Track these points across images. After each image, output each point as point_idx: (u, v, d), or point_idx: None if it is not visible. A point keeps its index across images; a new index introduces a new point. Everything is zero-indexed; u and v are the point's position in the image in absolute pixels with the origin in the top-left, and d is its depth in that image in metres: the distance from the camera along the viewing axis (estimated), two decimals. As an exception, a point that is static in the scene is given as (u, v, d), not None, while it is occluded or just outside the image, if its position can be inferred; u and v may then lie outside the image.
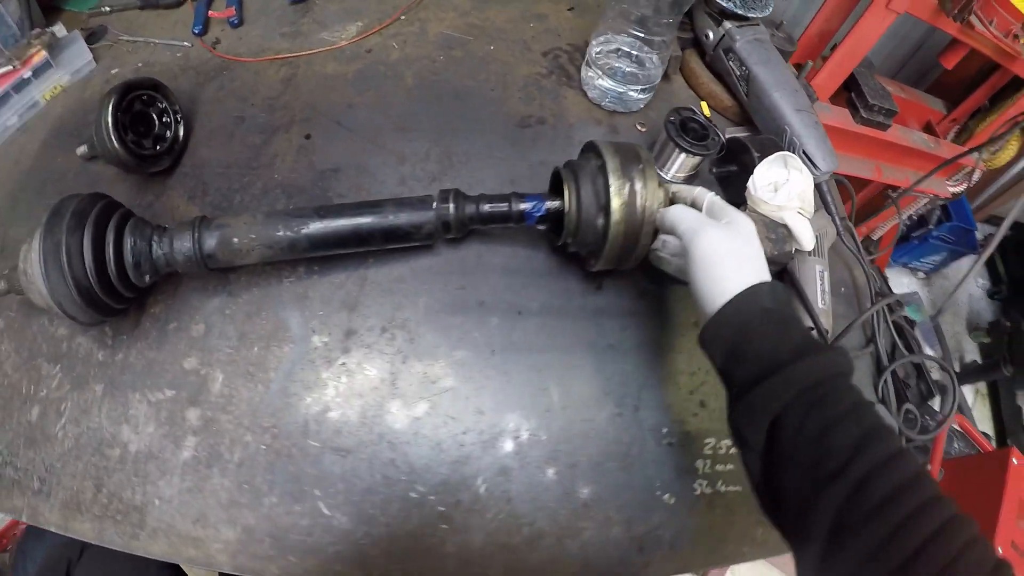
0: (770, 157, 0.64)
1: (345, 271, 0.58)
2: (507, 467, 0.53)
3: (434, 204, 0.54)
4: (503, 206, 0.55)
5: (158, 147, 0.65)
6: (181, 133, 0.67)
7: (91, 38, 0.79)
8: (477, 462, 0.53)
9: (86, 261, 0.48)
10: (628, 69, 0.69)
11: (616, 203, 0.50)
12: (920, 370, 0.73)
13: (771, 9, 0.74)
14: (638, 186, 0.51)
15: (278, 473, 0.52)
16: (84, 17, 0.82)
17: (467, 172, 0.64)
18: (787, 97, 0.71)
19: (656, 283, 0.62)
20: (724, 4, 0.72)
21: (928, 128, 1.21)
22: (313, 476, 0.52)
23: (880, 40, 0.90)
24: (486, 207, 0.55)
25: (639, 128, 0.71)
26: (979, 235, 1.61)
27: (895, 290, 0.74)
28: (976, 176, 1.23)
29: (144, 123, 0.65)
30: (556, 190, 0.57)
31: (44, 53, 0.73)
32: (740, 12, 0.72)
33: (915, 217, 1.32)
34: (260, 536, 0.50)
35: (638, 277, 0.62)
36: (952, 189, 1.22)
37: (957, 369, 1.40)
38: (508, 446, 0.54)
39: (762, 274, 0.45)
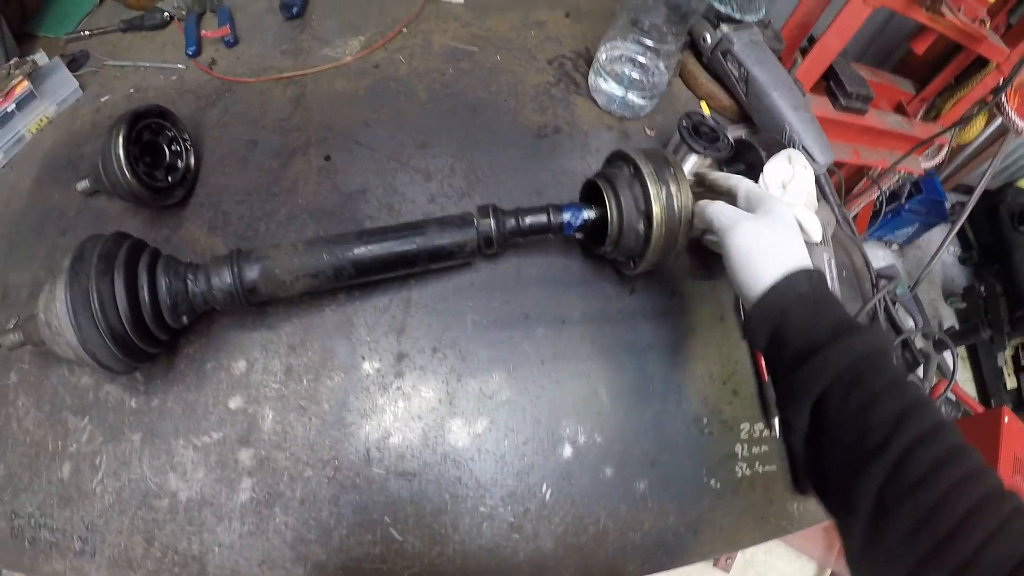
0: (776, 155, 0.72)
1: (387, 294, 0.62)
2: (569, 471, 0.59)
3: (475, 221, 0.59)
4: (542, 218, 0.61)
5: (170, 178, 0.67)
6: (192, 161, 0.69)
7: (72, 64, 0.79)
8: (540, 470, 0.58)
9: (120, 307, 0.49)
10: (635, 76, 0.76)
11: (656, 208, 0.56)
12: (904, 342, 0.83)
13: (764, 12, 0.83)
14: (673, 189, 0.57)
15: (344, 505, 0.55)
16: (61, 43, 0.82)
17: (494, 185, 0.69)
18: (785, 96, 0.79)
19: (683, 283, 0.69)
20: (721, 8, 0.80)
21: (899, 108, 1.35)
22: (381, 503, 0.56)
23: (832, 14, 1.01)
24: (526, 220, 0.60)
25: (648, 132, 0.78)
26: (947, 204, 1.78)
27: (872, 263, 0.85)
28: (945, 151, 1.37)
29: (153, 153, 0.67)
30: (588, 199, 0.63)
31: (27, 83, 0.73)
32: (736, 16, 0.80)
33: (887, 192, 1.45)
34: (332, 570, 0.54)
35: (667, 279, 0.69)
36: (925, 165, 1.36)
37: (936, 335, 1.56)
38: (567, 451, 0.60)
39: (800, 260, 0.49)
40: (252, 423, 0.57)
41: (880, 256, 1.91)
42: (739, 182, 0.55)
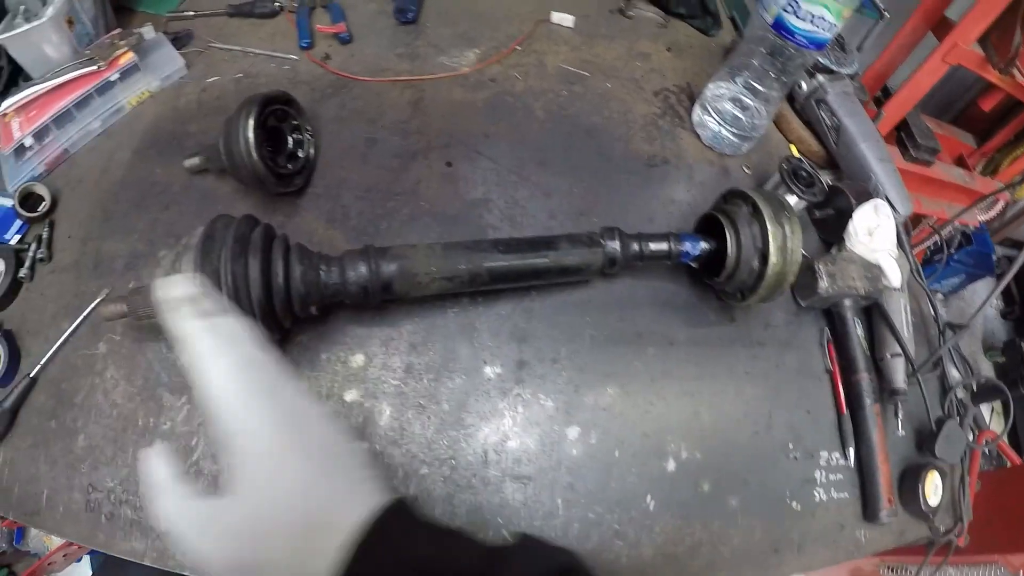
0: (864, 205, 0.88)
1: (510, 303, 0.74)
2: (671, 484, 0.71)
3: (602, 242, 0.72)
4: (664, 245, 0.74)
5: (290, 166, 0.77)
6: (312, 152, 0.80)
7: (176, 43, 0.89)
8: (646, 481, 0.70)
9: (253, 292, 0.56)
10: (738, 115, 0.91)
11: (773, 248, 0.70)
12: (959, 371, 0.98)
13: (857, 65, 0.99)
14: (787, 231, 0.71)
15: (459, 504, 0.65)
16: (163, 20, 0.93)
17: (610, 208, 0.82)
18: (872, 148, 0.95)
19: (775, 315, 0.83)
20: (819, 59, 0.96)
21: (960, 160, 1.55)
22: (495, 505, 0.65)
23: (908, 68, 1.19)
24: (649, 246, 0.73)
25: (745, 170, 0.93)
26: (994, 257, 1.98)
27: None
28: (1000, 206, 1.56)
29: (275, 140, 0.77)
30: (704, 231, 0.77)
31: (132, 55, 0.82)
32: (832, 67, 0.97)
33: (939, 242, 1.63)
34: (443, 568, 0.65)
35: (762, 311, 0.82)
36: (980, 217, 1.54)
37: (975, 388, 1.74)
38: (671, 465, 0.72)
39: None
40: (368, 417, 0.66)
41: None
42: None
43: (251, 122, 0.68)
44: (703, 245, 0.75)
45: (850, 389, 0.83)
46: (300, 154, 0.78)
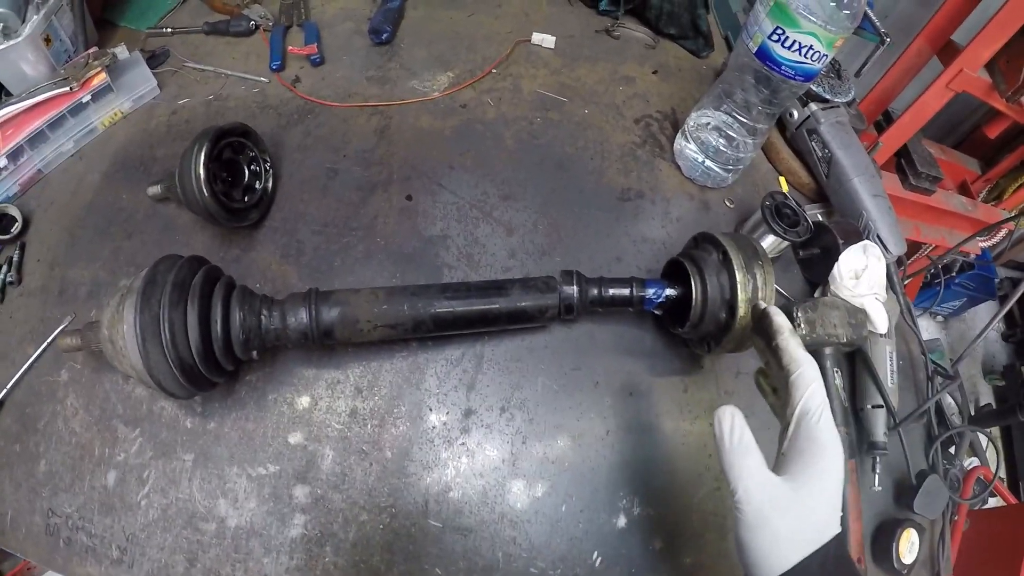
0: (852, 247, 0.78)
1: (460, 348, 0.67)
2: (621, 541, 0.63)
3: (558, 287, 0.64)
4: (625, 291, 0.65)
5: (247, 199, 0.71)
6: (271, 184, 0.73)
7: (151, 61, 0.84)
8: (594, 537, 0.63)
9: (191, 339, 0.52)
10: (721, 146, 0.81)
11: (742, 300, 0.61)
12: (943, 421, 0.88)
13: (853, 94, 0.88)
14: (759, 282, 0.62)
15: (397, 552, 0.60)
16: (142, 36, 0.87)
17: (575, 247, 0.74)
18: (865, 183, 0.84)
19: (748, 363, 0.74)
20: (812, 87, 0.85)
21: (963, 187, 1.41)
22: (434, 555, 0.60)
23: (910, 93, 1.07)
24: (609, 291, 0.65)
25: (728, 204, 0.83)
26: (996, 280, 1.84)
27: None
28: (1003, 233, 1.43)
29: (232, 172, 0.71)
30: (671, 276, 0.68)
31: (104, 75, 0.77)
32: (827, 96, 0.86)
33: (940, 265, 1.51)
34: (379, 614, 0.58)
35: (736, 358, 0.73)
36: (982, 244, 1.41)
37: (972, 413, 1.62)
38: (621, 521, 0.64)
39: (828, 532, 0.43)
40: (311, 461, 0.61)
41: (924, 327, 1.97)
42: (802, 385, 0.46)
43: (202, 157, 0.63)
44: (668, 292, 0.66)
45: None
46: (257, 186, 0.72)
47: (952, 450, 0.88)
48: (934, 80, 0.99)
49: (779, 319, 0.52)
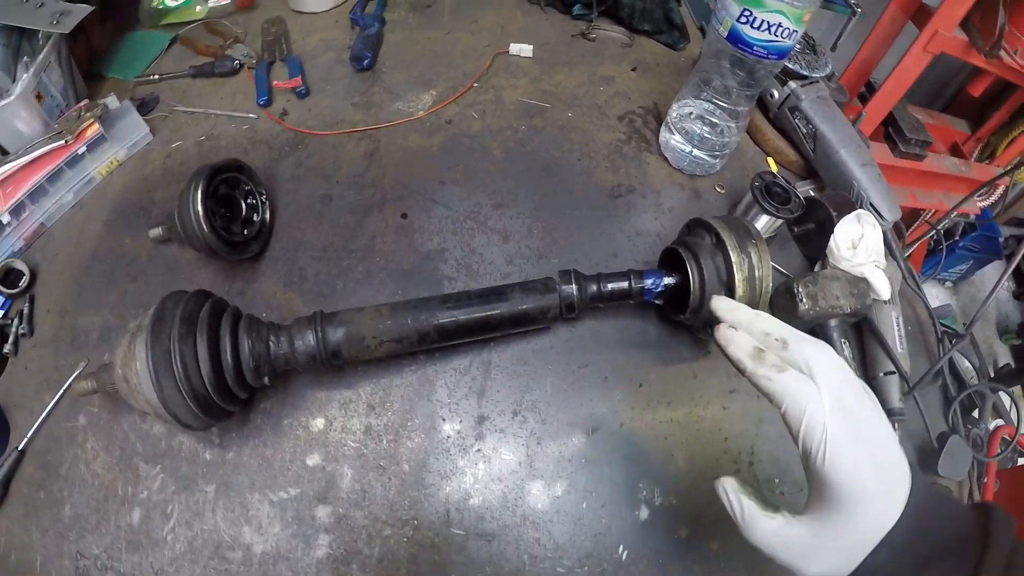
0: (846, 217, 0.78)
1: (467, 356, 0.68)
2: (645, 532, 0.63)
3: (557, 287, 0.65)
4: (623, 284, 0.66)
5: (246, 231, 0.73)
6: (268, 216, 0.75)
7: (142, 108, 0.86)
8: (617, 531, 0.62)
9: (203, 369, 0.53)
10: (706, 134, 0.82)
11: (739, 279, 0.61)
12: (960, 382, 0.88)
13: (831, 68, 0.88)
14: (754, 260, 0.62)
15: (423, 564, 0.60)
16: (130, 86, 0.89)
17: (571, 247, 0.74)
18: (852, 153, 0.85)
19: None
20: (789, 65, 0.85)
21: (955, 149, 1.41)
22: (460, 564, 0.60)
23: (890, 60, 1.07)
24: (608, 286, 0.65)
25: (718, 190, 0.84)
26: (1001, 239, 1.83)
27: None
28: (1000, 191, 1.42)
29: (229, 206, 0.73)
30: (667, 264, 0.69)
31: (97, 126, 0.80)
32: (804, 73, 0.86)
33: (942, 231, 1.50)
34: (409, 628, 0.58)
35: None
36: (980, 204, 1.40)
37: (992, 374, 1.60)
38: (644, 513, 0.64)
39: None
40: (331, 481, 0.62)
41: (934, 295, 1.96)
42: (793, 421, 0.39)
43: (199, 195, 0.65)
44: (665, 281, 0.66)
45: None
46: (255, 219, 0.73)
47: (975, 413, 0.88)
48: (911, 45, 0.99)
49: (722, 334, 0.44)
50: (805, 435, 0.38)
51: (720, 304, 0.47)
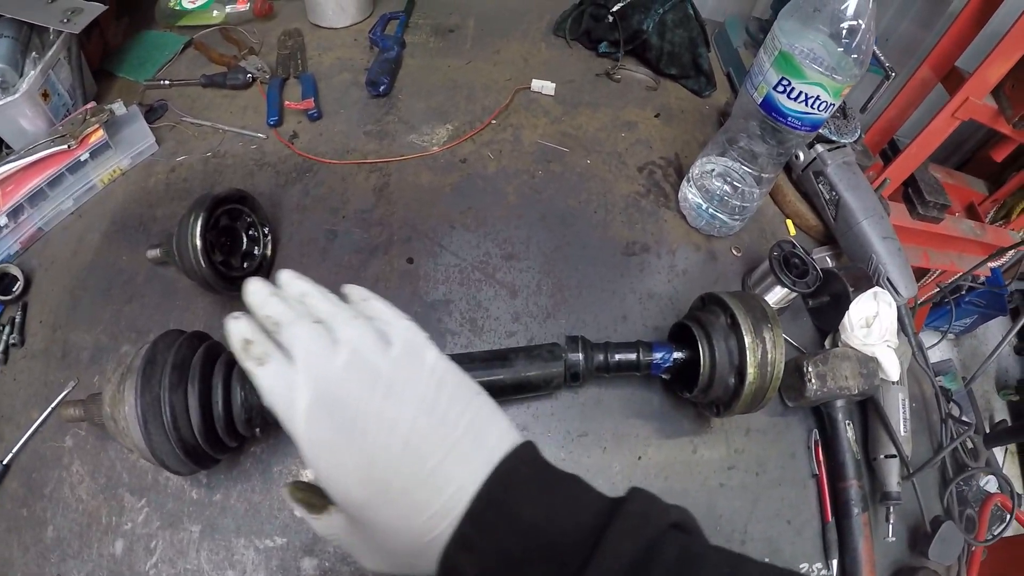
0: (863, 294, 0.75)
1: (465, 415, 0.65)
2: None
3: (564, 355, 0.62)
4: (631, 356, 0.63)
5: (246, 265, 0.70)
6: (269, 251, 0.72)
7: (150, 114, 0.83)
8: (605, 615, 0.61)
9: (193, 420, 0.51)
10: (727, 196, 0.78)
11: (751, 366, 0.59)
12: (959, 463, 0.85)
13: (859, 133, 0.85)
14: (769, 346, 0.60)
15: None
16: (140, 89, 0.86)
17: (580, 307, 0.72)
18: (875, 225, 0.82)
19: (757, 419, 0.72)
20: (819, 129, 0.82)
21: (971, 210, 1.38)
22: None
23: (916, 121, 1.04)
24: (616, 357, 0.63)
25: (735, 253, 0.81)
26: (1006, 293, 1.80)
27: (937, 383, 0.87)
28: (1011, 253, 1.40)
29: (229, 237, 0.70)
30: (678, 338, 0.66)
31: (102, 132, 0.76)
32: (833, 137, 0.83)
33: (949, 288, 1.48)
34: None
35: (744, 417, 0.71)
36: (991, 265, 1.38)
37: (987, 430, 1.59)
38: (632, 595, 0.62)
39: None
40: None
41: (935, 349, 1.93)
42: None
43: (199, 228, 0.62)
44: (675, 356, 0.64)
45: (838, 496, 0.71)
46: (256, 252, 0.70)
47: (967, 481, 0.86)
48: (940, 110, 0.96)
49: (228, 324, 0.37)
50: (288, 433, 0.33)
51: (245, 287, 0.38)
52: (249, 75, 0.85)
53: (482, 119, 0.83)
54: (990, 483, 0.88)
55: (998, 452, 1.83)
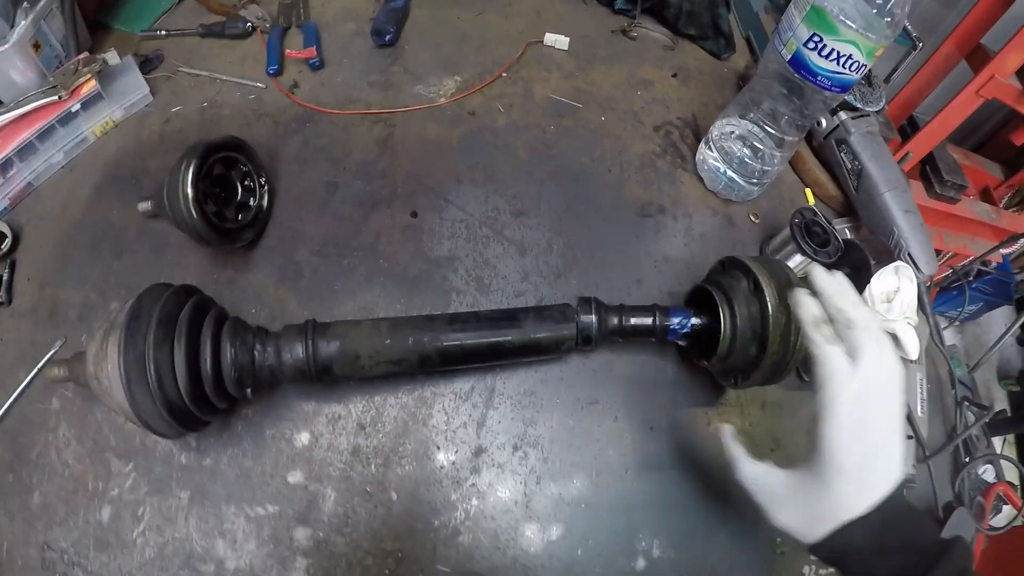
0: (885, 268, 0.72)
1: (469, 380, 0.62)
2: (638, 585, 0.59)
3: (576, 316, 0.59)
4: (647, 320, 0.60)
5: (240, 216, 0.66)
6: (265, 202, 0.68)
7: (145, 65, 0.79)
8: (611, 582, 0.58)
9: (179, 379, 0.48)
10: (747, 158, 0.75)
11: (774, 334, 0.55)
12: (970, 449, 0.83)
13: (884, 103, 0.81)
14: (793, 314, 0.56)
15: None
16: (136, 39, 0.82)
17: (592, 267, 0.68)
18: (897, 198, 0.79)
19: (774, 392, 0.69)
20: (844, 96, 0.78)
21: (986, 193, 1.34)
22: None
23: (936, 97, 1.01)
24: (631, 320, 0.60)
25: (752, 219, 0.77)
26: (1013, 282, 1.77)
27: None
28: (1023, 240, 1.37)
29: (224, 187, 0.66)
30: (696, 303, 0.62)
31: (94, 83, 0.73)
32: (858, 105, 0.79)
33: (963, 271, 1.46)
34: (381, 664, 0.54)
35: (760, 390, 0.68)
36: (1003, 251, 1.35)
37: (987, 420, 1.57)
38: (640, 563, 0.59)
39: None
40: (312, 502, 0.57)
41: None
42: (820, 390, 0.44)
43: (190, 176, 0.58)
44: (694, 321, 0.61)
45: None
46: (251, 203, 0.66)
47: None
48: (963, 86, 0.92)
49: (798, 298, 0.49)
50: (821, 401, 0.43)
51: (818, 274, 0.49)
52: (249, 24, 0.81)
53: (492, 71, 0.79)
54: (987, 472, 0.86)
55: (996, 442, 1.82)
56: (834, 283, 0.47)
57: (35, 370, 0.61)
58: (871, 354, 0.43)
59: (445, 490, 0.58)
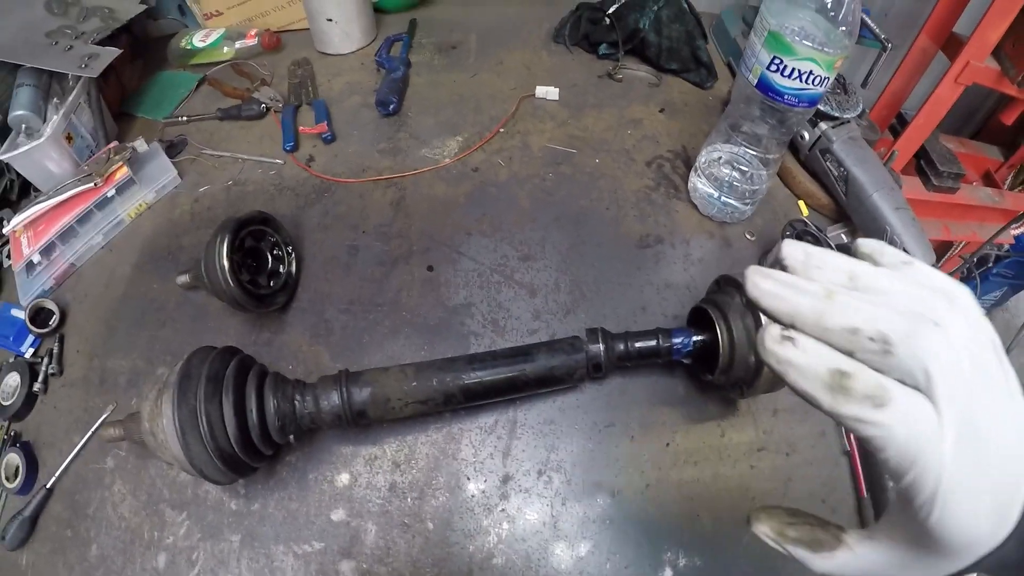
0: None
1: (493, 415, 0.67)
2: (669, 596, 0.63)
3: (584, 347, 0.65)
4: (651, 343, 0.65)
5: (272, 283, 0.74)
6: (294, 268, 0.76)
7: (171, 150, 0.87)
8: (642, 595, 0.63)
9: (229, 430, 0.54)
10: (735, 181, 0.81)
11: (769, 342, 0.61)
12: None
13: (862, 106, 0.87)
14: (786, 322, 0.62)
15: None
16: (159, 126, 0.91)
17: (599, 301, 0.74)
18: (886, 197, 0.83)
19: (785, 398, 0.73)
20: (820, 106, 0.85)
21: (987, 176, 1.38)
22: None
23: (921, 91, 1.05)
24: (636, 345, 0.65)
25: (749, 237, 0.83)
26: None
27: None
28: (1036, 218, 1.39)
29: (255, 258, 0.74)
30: (697, 323, 0.68)
31: (126, 169, 0.81)
32: (835, 114, 0.85)
33: (975, 259, 1.47)
34: None
35: (770, 397, 0.73)
36: (1014, 232, 1.37)
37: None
38: (667, 574, 0.64)
39: None
40: (355, 536, 0.63)
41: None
42: (900, 471, 0.26)
43: (225, 249, 0.66)
44: (695, 339, 0.66)
45: (871, 470, 0.72)
46: (281, 270, 0.74)
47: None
48: (942, 76, 0.97)
49: (773, 350, 0.27)
50: (911, 488, 0.26)
51: (788, 253, 0.29)
52: (263, 105, 0.90)
53: (490, 128, 0.87)
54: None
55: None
56: (811, 284, 0.27)
57: (90, 431, 0.67)
58: (947, 362, 0.25)
59: (477, 517, 0.63)
